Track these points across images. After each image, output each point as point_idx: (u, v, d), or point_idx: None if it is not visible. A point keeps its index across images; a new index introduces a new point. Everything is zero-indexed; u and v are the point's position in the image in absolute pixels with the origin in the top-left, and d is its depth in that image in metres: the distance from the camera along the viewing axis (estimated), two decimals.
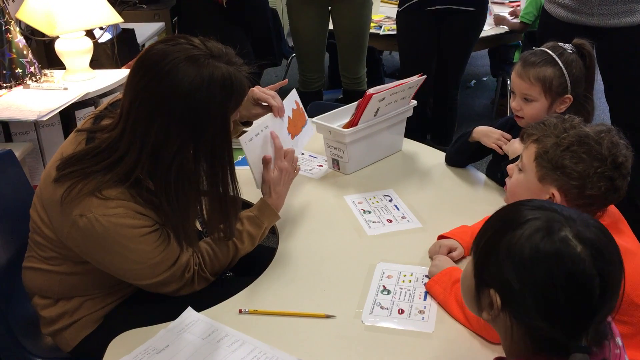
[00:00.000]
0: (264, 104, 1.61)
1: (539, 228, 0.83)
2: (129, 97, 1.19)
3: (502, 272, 0.84)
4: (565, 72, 1.62)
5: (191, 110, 1.17)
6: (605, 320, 0.85)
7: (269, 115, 1.59)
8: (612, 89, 2.51)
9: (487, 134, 1.77)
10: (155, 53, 1.18)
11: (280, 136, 1.55)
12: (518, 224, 0.85)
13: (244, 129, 1.59)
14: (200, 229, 1.53)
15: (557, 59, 1.62)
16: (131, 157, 1.19)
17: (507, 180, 1.38)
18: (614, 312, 0.85)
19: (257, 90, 1.58)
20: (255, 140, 1.48)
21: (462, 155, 1.86)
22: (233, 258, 1.40)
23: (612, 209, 1.29)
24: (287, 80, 1.81)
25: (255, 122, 1.63)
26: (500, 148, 1.72)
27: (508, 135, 1.73)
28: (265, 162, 1.49)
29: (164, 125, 1.17)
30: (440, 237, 1.48)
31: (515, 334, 0.86)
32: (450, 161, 1.90)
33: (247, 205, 1.66)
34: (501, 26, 3.71)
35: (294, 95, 1.71)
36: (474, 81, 4.86)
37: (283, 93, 1.67)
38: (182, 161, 1.20)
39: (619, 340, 0.91)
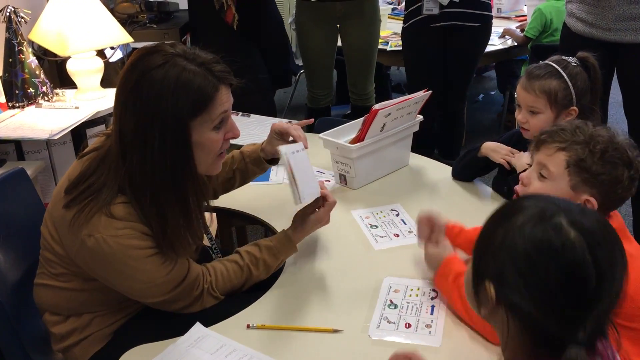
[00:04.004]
0: (289, 137, 1.53)
1: (533, 215, 0.82)
2: None
3: (496, 261, 0.83)
4: (570, 84, 1.63)
5: (141, 99, 1.18)
6: (607, 317, 0.82)
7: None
8: (631, 103, 2.50)
9: (495, 150, 1.77)
10: (140, 49, 1.24)
11: (309, 170, 1.47)
12: (513, 213, 0.85)
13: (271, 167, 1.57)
14: (209, 244, 1.55)
15: (561, 71, 1.64)
16: (114, 150, 1.22)
17: (519, 188, 1.36)
18: (616, 308, 0.82)
19: (278, 124, 1.53)
20: (297, 155, 1.41)
21: (470, 169, 1.87)
22: (245, 282, 1.40)
23: (617, 218, 1.30)
24: (312, 119, 1.72)
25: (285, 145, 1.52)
26: (509, 164, 1.72)
27: (515, 151, 1.74)
28: (318, 199, 1.44)
29: (122, 111, 1.20)
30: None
31: (511, 330, 0.84)
32: (457, 175, 1.91)
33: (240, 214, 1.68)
34: (506, 36, 3.74)
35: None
36: (481, 95, 4.86)
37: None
38: (137, 153, 1.19)
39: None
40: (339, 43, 3.17)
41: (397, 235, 1.61)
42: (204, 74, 1.20)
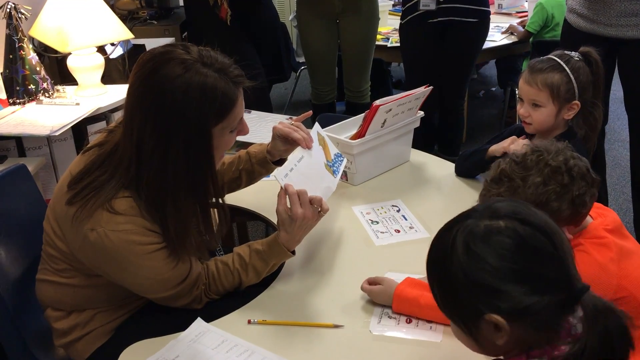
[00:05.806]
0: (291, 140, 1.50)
1: (465, 238, 0.86)
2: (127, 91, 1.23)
3: (474, 294, 0.84)
4: (572, 78, 1.63)
5: (165, 109, 1.17)
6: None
7: (299, 147, 1.48)
8: (631, 99, 2.50)
9: (500, 146, 1.75)
10: (151, 52, 1.21)
11: (316, 169, 1.46)
12: (448, 253, 0.87)
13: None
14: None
15: (564, 65, 1.64)
16: (126, 151, 1.21)
17: None
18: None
19: (279, 127, 1.50)
20: (291, 175, 1.38)
21: (476, 169, 1.86)
22: (238, 287, 1.40)
23: (613, 215, 1.29)
24: (311, 112, 1.70)
25: (289, 157, 1.54)
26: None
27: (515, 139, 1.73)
28: (280, 196, 1.35)
29: (143, 121, 1.18)
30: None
31: (514, 334, 0.85)
32: (462, 174, 1.89)
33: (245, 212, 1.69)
34: (510, 32, 3.75)
35: (316, 128, 1.58)
36: (482, 91, 4.86)
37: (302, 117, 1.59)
38: (158, 161, 1.19)
39: None
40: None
41: (398, 231, 1.61)
42: (225, 81, 1.20)
